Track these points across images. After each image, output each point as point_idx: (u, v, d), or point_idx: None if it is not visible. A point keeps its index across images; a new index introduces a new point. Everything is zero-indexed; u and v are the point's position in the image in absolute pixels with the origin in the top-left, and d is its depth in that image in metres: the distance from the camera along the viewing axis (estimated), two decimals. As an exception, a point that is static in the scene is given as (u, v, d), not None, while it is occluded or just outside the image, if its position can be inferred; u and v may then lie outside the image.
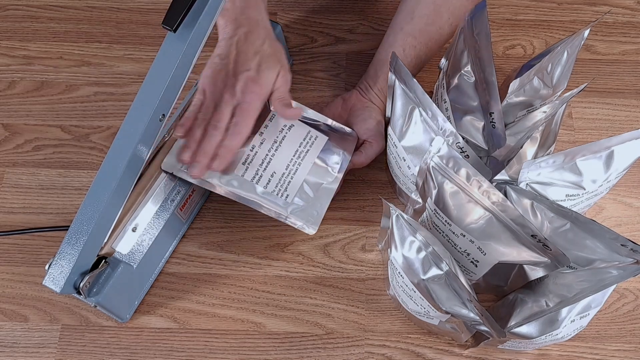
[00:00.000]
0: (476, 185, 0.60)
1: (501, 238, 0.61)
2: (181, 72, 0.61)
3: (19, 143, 0.84)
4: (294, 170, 0.72)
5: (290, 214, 0.70)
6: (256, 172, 0.71)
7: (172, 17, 0.57)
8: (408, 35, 0.76)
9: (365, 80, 0.79)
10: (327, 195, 0.72)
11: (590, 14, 0.93)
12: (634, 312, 0.74)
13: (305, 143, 0.74)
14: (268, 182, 0.71)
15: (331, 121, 0.76)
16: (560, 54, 0.71)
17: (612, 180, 0.65)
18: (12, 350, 0.72)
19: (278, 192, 0.71)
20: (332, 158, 0.74)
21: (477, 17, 0.69)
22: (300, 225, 0.70)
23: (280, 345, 0.72)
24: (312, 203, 0.71)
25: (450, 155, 0.61)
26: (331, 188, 0.73)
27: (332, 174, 0.74)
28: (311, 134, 0.75)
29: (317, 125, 0.76)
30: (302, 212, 0.71)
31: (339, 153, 0.75)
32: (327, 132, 0.76)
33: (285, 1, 0.95)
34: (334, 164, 0.74)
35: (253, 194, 0.70)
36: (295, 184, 0.72)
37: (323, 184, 0.73)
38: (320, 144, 0.75)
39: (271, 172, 0.72)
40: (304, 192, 0.72)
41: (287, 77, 0.72)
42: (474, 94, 0.69)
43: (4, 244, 0.78)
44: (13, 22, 0.93)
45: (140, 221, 0.69)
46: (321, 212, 0.71)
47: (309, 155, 0.74)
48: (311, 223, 0.70)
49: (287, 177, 0.72)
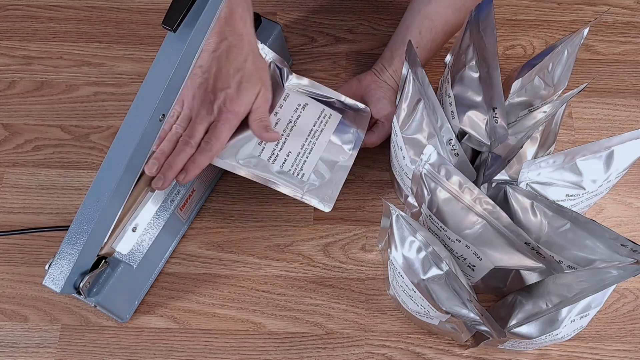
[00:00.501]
0: (468, 193, 0.60)
1: (496, 244, 0.61)
2: (181, 72, 0.61)
3: (19, 143, 0.84)
4: (309, 149, 0.73)
5: (306, 192, 0.71)
6: (272, 151, 0.72)
7: (172, 17, 0.57)
8: (425, 17, 0.76)
9: (381, 62, 0.79)
10: (342, 173, 0.73)
11: (590, 14, 0.93)
12: (634, 312, 0.74)
13: (319, 122, 0.75)
14: (284, 161, 0.72)
15: (344, 97, 0.76)
16: (561, 53, 0.71)
17: (612, 180, 0.65)
18: (12, 350, 0.72)
19: (294, 171, 0.72)
20: (346, 136, 0.75)
21: (483, 13, 0.70)
22: (316, 203, 0.71)
23: (280, 345, 0.72)
24: (328, 181, 0.72)
25: (441, 163, 0.61)
26: (346, 166, 0.74)
27: (347, 152, 0.74)
28: (325, 112, 0.76)
29: (330, 103, 0.77)
30: (318, 190, 0.72)
31: (353, 131, 0.76)
32: (340, 109, 0.77)
33: (285, 1, 0.95)
34: (348, 141, 0.75)
35: (269, 174, 0.71)
36: (311, 163, 0.73)
37: (338, 162, 0.74)
38: (335, 122, 0.75)
39: (287, 151, 0.72)
40: (319, 171, 0.73)
41: (267, 96, 0.72)
42: (478, 89, 0.69)
43: (4, 244, 0.78)
44: (13, 22, 0.93)
45: (140, 221, 0.69)
46: (336, 190, 0.72)
47: (324, 134, 0.74)
48: (327, 201, 0.71)
49: (303, 157, 0.73)
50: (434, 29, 0.76)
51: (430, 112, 0.67)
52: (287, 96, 0.75)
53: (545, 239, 0.64)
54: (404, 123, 0.69)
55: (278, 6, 0.94)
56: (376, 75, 0.78)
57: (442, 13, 0.76)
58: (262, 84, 0.71)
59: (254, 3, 0.93)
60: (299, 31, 0.92)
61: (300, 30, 0.92)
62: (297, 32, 0.92)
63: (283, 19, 0.93)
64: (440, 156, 0.61)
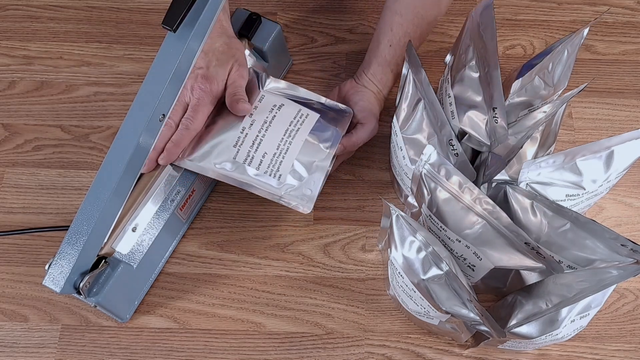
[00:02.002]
0: (468, 193, 0.60)
1: (496, 244, 0.61)
2: (181, 72, 0.61)
3: (19, 143, 0.84)
4: (285, 149, 0.71)
5: (284, 194, 0.70)
6: (247, 153, 0.71)
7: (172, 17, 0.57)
8: (395, 13, 0.76)
9: (361, 67, 0.80)
10: (320, 172, 0.71)
11: (590, 14, 0.93)
12: (634, 312, 0.74)
13: (295, 122, 0.73)
14: (260, 163, 0.71)
15: (325, 99, 0.76)
16: (561, 52, 0.71)
17: (612, 180, 0.65)
18: (12, 350, 0.72)
19: (271, 173, 0.70)
20: (323, 135, 0.73)
21: (484, 13, 0.70)
22: (294, 205, 0.69)
23: (280, 345, 0.72)
24: (306, 182, 0.71)
25: (441, 163, 0.61)
26: (323, 165, 0.72)
27: (324, 151, 0.73)
28: (302, 112, 0.74)
29: (309, 104, 0.76)
30: (296, 191, 0.70)
31: (331, 130, 0.74)
32: (319, 110, 0.75)
33: (285, 1, 0.95)
34: (325, 140, 0.73)
35: (246, 176, 0.70)
36: (288, 164, 0.71)
37: (315, 162, 0.72)
38: (312, 122, 0.74)
39: (262, 152, 0.71)
40: (296, 171, 0.71)
41: (241, 72, 0.72)
42: (478, 88, 0.69)
43: (4, 244, 0.78)
44: (13, 22, 0.93)
45: (140, 221, 0.69)
46: (315, 190, 0.70)
47: (300, 134, 0.73)
48: (305, 202, 0.70)
49: (279, 157, 0.71)
50: (405, 23, 0.76)
51: (430, 112, 0.67)
52: (262, 97, 0.74)
53: (545, 239, 0.64)
54: (404, 123, 0.69)
55: (278, 6, 0.94)
56: (355, 81, 0.79)
57: (411, 6, 0.76)
58: (234, 60, 0.72)
59: (254, 3, 0.94)
60: (299, 31, 0.92)
61: (300, 30, 0.92)
62: (297, 32, 0.92)
63: (283, 19, 0.93)
64: (440, 156, 0.61)
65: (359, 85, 0.78)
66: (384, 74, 0.78)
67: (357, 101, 0.76)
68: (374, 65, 0.78)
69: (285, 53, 0.86)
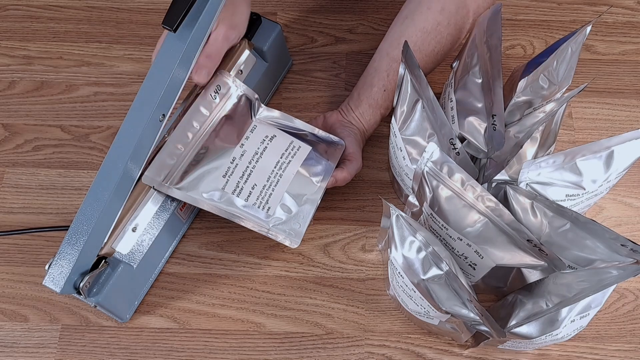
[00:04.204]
0: (470, 190, 0.60)
1: (497, 242, 0.61)
2: (181, 72, 0.61)
3: (19, 143, 0.84)
4: (275, 182, 0.70)
5: (271, 227, 0.69)
6: (237, 184, 0.69)
7: (172, 17, 0.57)
8: (394, 61, 0.76)
9: (348, 103, 0.78)
10: (310, 206, 0.70)
11: (590, 14, 0.93)
12: (634, 312, 0.74)
13: (287, 154, 0.72)
14: (249, 194, 0.69)
15: (318, 130, 0.75)
16: (565, 50, 0.71)
17: (612, 180, 0.65)
18: (12, 350, 0.72)
19: (259, 205, 0.69)
20: (315, 168, 0.72)
21: (492, 19, 0.70)
22: (282, 239, 0.68)
23: (280, 345, 0.72)
24: (295, 215, 0.70)
25: (443, 161, 0.61)
26: (314, 199, 0.71)
27: (315, 185, 0.71)
28: (294, 144, 0.73)
29: (302, 135, 0.75)
30: (284, 225, 0.69)
31: (323, 163, 0.73)
32: (312, 142, 0.75)
33: (285, 1, 0.95)
34: (316, 174, 0.72)
35: (234, 208, 0.68)
36: (277, 196, 0.70)
37: (306, 195, 0.71)
38: (303, 154, 0.73)
39: (252, 184, 0.70)
40: (285, 204, 0.70)
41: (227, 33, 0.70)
42: (480, 95, 0.69)
43: (4, 244, 0.78)
44: (13, 22, 0.93)
45: (140, 221, 0.69)
46: (304, 224, 0.69)
47: (291, 166, 0.72)
48: (293, 237, 0.69)
49: (269, 189, 0.70)
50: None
51: (430, 111, 0.67)
52: (254, 128, 0.73)
53: (545, 239, 0.64)
54: (403, 124, 0.69)
55: (278, 6, 0.94)
56: (342, 115, 0.78)
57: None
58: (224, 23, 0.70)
59: (254, 3, 0.94)
60: (299, 31, 0.92)
61: (300, 30, 0.92)
62: (297, 32, 0.92)
63: (283, 19, 0.93)
64: (442, 154, 0.61)
65: (346, 120, 0.77)
66: (372, 115, 0.77)
67: (345, 136, 0.76)
68: (363, 105, 0.77)
69: (285, 53, 0.86)
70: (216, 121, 0.72)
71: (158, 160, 0.69)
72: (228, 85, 0.73)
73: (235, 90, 0.74)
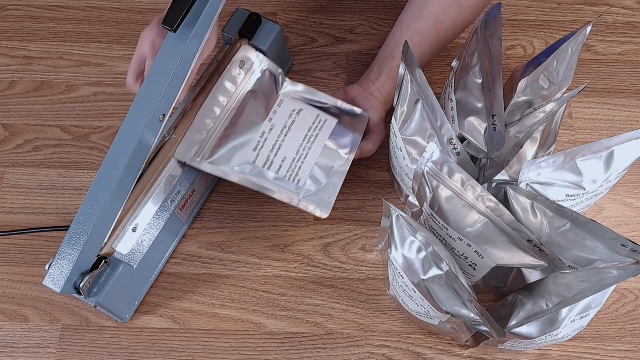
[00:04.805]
0: (470, 190, 0.60)
1: (497, 242, 0.61)
2: (181, 72, 0.61)
3: (19, 143, 0.84)
4: (304, 154, 0.73)
5: (302, 198, 0.70)
6: (267, 157, 0.72)
7: (172, 17, 0.57)
8: (415, 33, 0.76)
9: (368, 75, 0.79)
10: (338, 177, 0.73)
11: (590, 14, 0.93)
12: (634, 312, 0.74)
13: (314, 127, 0.74)
14: (279, 167, 0.71)
15: (341, 103, 0.76)
16: (565, 50, 0.71)
17: (612, 180, 0.65)
18: (12, 350, 0.72)
19: (289, 177, 0.71)
20: (342, 140, 0.75)
21: (491, 19, 0.70)
22: (312, 209, 0.70)
23: (280, 345, 0.72)
24: (324, 187, 0.72)
25: (443, 161, 0.61)
26: (342, 170, 0.73)
27: (342, 157, 0.74)
28: (320, 117, 0.75)
29: (326, 108, 0.76)
30: (314, 195, 0.71)
31: (349, 135, 0.75)
32: (336, 114, 0.76)
33: (285, 1, 0.95)
34: (343, 146, 0.74)
35: (264, 180, 0.71)
36: (306, 168, 0.72)
37: (334, 167, 0.73)
38: (330, 127, 0.75)
39: (282, 157, 0.72)
40: (314, 176, 0.72)
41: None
42: (480, 95, 0.69)
43: (4, 244, 0.78)
44: (13, 22, 0.93)
45: (140, 221, 0.69)
46: (333, 195, 0.72)
47: (319, 139, 0.74)
48: (323, 207, 0.71)
49: (298, 162, 0.72)
50: (424, 44, 0.76)
51: (429, 111, 0.67)
52: (281, 102, 0.75)
53: (545, 239, 0.64)
54: (403, 124, 0.69)
55: (278, 6, 0.94)
56: (363, 88, 0.78)
57: (432, 29, 0.76)
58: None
59: (254, 3, 0.94)
60: (299, 31, 0.92)
61: (300, 30, 0.92)
62: (297, 32, 0.92)
63: (283, 19, 0.93)
64: (442, 154, 0.61)
65: (367, 92, 0.78)
66: (392, 87, 0.77)
67: (368, 108, 0.77)
68: (383, 77, 0.77)
69: (285, 53, 0.86)
70: (242, 96, 0.75)
71: (188, 135, 0.71)
72: (252, 60, 0.75)
73: (259, 65, 0.76)
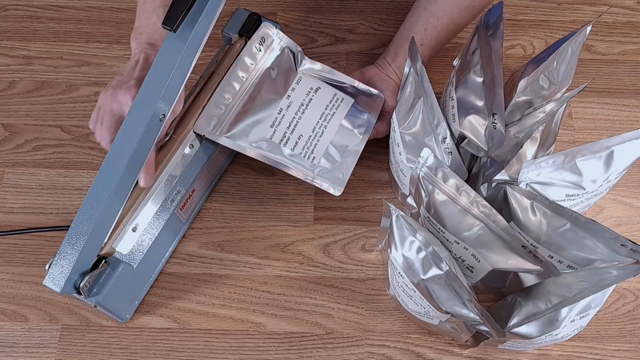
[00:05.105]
0: (465, 195, 0.61)
1: (494, 246, 0.61)
2: (181, 72, 0.61)
3: (19, 143, 0.84)
4: (320, 132, 0.74)
5: (316, 175, 0.72)
6: (284, 134, 0.73)
7: (172, 17, 0.57)
8: (431, 15, 0.76)
9: (384, 58, 0.80)
10: (352, 157, 0.74)
11: (590, 14, 0.93)
12: (634, 312, 0.74)
13: (331, 106, 0.76)
14: (295, 144, 0.73)
15: (358, 83, 0.77)
16: (565, 50, 0.71)
17: (612, 180, 0.65)
18: (12, 350, 0.72)
19: (305, 154, 0.73)
20: (357, 120, 0.76)
21: (492, 18, 0.70)
22: (326, 187, 0.72)
23: (280, 345, 0.72)
24: (338, 165, 0.73)
25: (438, 166, 0.61)
26: (357, 150, 0.74)
27: (358, 137, 0.75)
28: (337, 97, 0.76)
29: (343, 88, 0.78)
30: (329, 173, 0.73)
31: (365, 115, 0.76)
32: (353, 94, 0.77)
33: (285, 1, 0.95)
34: (359, 126, 0.76)
35: (281, 156, 0.72)
36: (322, 147, 0.73)
37: (349, 146, 0.74)
38: (347, 107, 0.76)
39: (298, 134, 0.73)
40: (329, 154, 0.73)
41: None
42: (481, 93, 0.69)
43: (4, 244, 0.78)
44: (13, 22, 0.93)
45: (140, 221, 0.69)
46: (347, 174, 0.73)
47: (335, 118, 0.75)
48: (337, 184, 0.72)
49: (314, 140, 0.74)
50: (439, 26, 0.77)
51: (428, 109, 0.67)
52: (299, 79, 0.77)
53: (545, 239, 0.64)
54: (403, 120, 0.69)
55: (278, 6, 0.94)
56: (379, 69, 0.79)
57: (448, 11, 0.76)
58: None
59: (254, 3, 0.94)
60: (299, 31, 0.92)
61: (300, 30, 0.92)
62: (297, 32, 0.92)
63: (283, 19, 0.93)
64: (437, 159, 0.61)
65: (384, 74, 0.79)
66: None
67: (384, 90, 0.78)
68: (400, 59, 0.78)
69: (285, 53, 0.86)
70: (261, 72, 0.76)
71: (207, 110, 0.72)
72: (272, 37, 0.76)
73: (279, 43, 0.77)
